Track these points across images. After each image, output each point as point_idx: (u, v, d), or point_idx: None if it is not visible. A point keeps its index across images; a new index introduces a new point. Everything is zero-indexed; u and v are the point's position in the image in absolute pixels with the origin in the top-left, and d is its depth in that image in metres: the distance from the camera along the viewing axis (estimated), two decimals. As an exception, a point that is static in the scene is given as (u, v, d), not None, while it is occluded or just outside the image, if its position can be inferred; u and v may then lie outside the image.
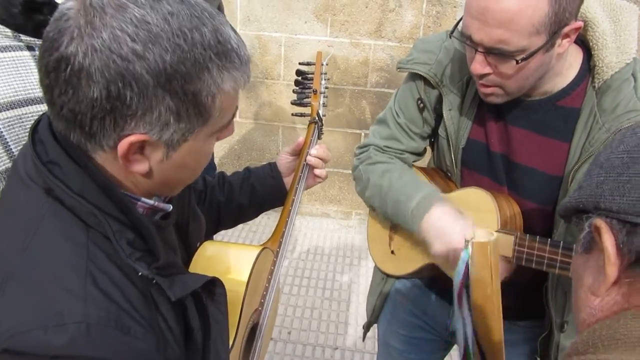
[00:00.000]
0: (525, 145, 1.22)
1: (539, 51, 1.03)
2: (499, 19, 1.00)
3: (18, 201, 0.72)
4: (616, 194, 0.57)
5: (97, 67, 0.63)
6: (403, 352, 1.61)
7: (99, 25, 0.63)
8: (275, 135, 3.74)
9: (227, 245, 1.02)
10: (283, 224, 1.15)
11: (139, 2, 0.64)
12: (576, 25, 1.04)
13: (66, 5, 0.65)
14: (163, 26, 0.64)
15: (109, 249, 0.69)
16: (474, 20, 1.04)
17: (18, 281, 0.66)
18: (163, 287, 0.72)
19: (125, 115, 0.66)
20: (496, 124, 1.25)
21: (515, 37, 1.01)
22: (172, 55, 0.64)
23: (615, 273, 0.57)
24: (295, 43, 3.46)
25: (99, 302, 0.65)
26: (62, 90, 0.65)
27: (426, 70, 1.29)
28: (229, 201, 1.20)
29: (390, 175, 1.34)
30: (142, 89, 0.65)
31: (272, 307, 1.17)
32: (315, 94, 1.35)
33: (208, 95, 0.69)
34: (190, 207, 0.97)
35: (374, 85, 3.54)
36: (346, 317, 2.97)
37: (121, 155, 0.69)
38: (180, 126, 0.69)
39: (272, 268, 1.11)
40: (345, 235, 3.76)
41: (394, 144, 1.40)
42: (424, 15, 3.33)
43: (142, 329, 0.68)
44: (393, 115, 1.40)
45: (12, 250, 0.68)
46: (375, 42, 3.43)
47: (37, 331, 0.62)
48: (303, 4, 3.37)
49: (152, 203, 0.79)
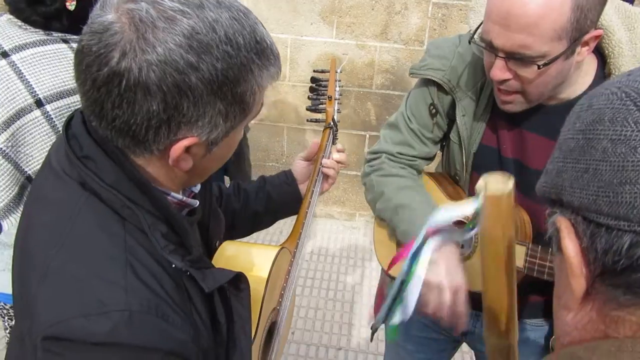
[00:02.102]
0: (540, 150, 1.22)
1: (560, 57, 1.03)
2: (521, 23, 1.00)
3: (54, 195, 0.73)
4: (576, 186, 0.46)
5: (153, 81, 0.64)
6: (412, 352, 1.62)
7: (152, 40, 0.64)
8: (280, 136, 3.75)
9: (247, 245, 1.04)
10: (300, 225, 1.17)
11: (186, 13, 0.65)
12: (596, 34, 1.04)
13: (106, 17, 0.65)
14: (212, 35, 0.65)
15: (144, 241, 0.71)
16: (495, 26, 1.04)
17: (58, 272, 0.67)
18: (197, 278, 0.73)
19: (180, 122, 0.68)
20: (510, 130, 1.26)
21: (537, 42, 1.01)
22: (222, 63, 0.66)
23: (583, 285, 0.47)
24: (301, 44, 3.48)
25: (139, 291, 0.66)
26: (115, 104, 0.66)
27: (440, 76, 1.29)
28: (245, 208, 1.21)
29: (409, 194, 1.33)
30: (197, 98, 0.66)
31: (289, 308, 1.18)
32: (330, 100, 1.38)
33: (251, 94, 0.72)
34: (212, 206, 0.99)
35: (379, 87, 3.55)
36: (350, 318, 2.98)
37: (173, 158, 0.71)
38: (226, 125, 0.72)
39: (289, 268, 1.12)
40: (350, 236, 3.77)
41: (406, 150, 1.40)
42: (429, 18, 3.35)
43: (180, 319, 0.69)
44: (405, 121, 1.40)
45: (50, 243, 0.69)
46: (380, 44, 3.44)
47: (79, 319, 0.63)
48: (309, 5, 3.39)
49: (181, 198, 0.81)
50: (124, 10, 0.65)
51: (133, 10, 0.64)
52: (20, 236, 0.78)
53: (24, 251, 0.75)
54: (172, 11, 0.64)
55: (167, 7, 0.65)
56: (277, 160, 3.84)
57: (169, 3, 0.65)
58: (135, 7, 0.64)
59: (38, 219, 0.74)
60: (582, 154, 0.46)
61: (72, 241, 0.69)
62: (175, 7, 0.65)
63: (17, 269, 0.76)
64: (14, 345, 0.77)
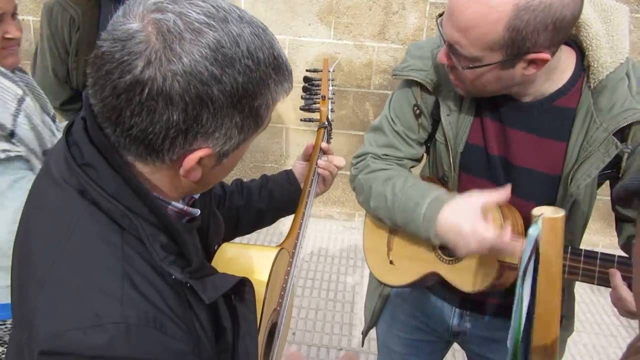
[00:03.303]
0: (523, 146, 1.23)
1: (493, 66, 1.09)
2: (459, 23, 1.06)
3: (52, 203, 0.73)
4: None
5: (177, 91, 0.64)
6: (404, 355, 1.61)
7: (179, 50, 0.64)
8: (279, 137, 3.76)
9: (245, 247, 1.04)
10: (297, 225, 1.17)
11: (212, 26, 0.65)
12: (542, 57, 1.07)
13: (131, 26, 0.65)
14: (235, 49, 0.66)
15: (143, 251, 0.70)
16: (446, 15, 1.11)
17: (56, 283, 0.67)
18: (197, 290, 0.73)
19: (197, 133, 0.68)
20: (494, 127, 1.26)
21: (468, 45, 1.07)
22: (243, 76, 0.67)
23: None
24: (299, 45, 3.48)
25: (137, 303, 0.66)
26: (134, 112, 0.66)
27: (423, 76, 1.30)
28: (248, 206, 1.22)
29: (394, 182, 1.33)
30: (217, 110, 0.67)
31: (288, 309, 1.19)
32: (323, 99, 1.38)
33: (265, 108, 0.73)
34: (211, 209, 0.99)
35: (377, 87, 3.55)
36: (350, 318, 2.98)
37: (186, 169, 0.71)
38: (240, 137, 0.73)
39: (288, 269, 1.12)
40: (349, 237, 3.78)
41: (392, 152, 1.40)
42: (427, 18, 3.35)
43: (180, 330, 0.69)
44: (389, 123, 1.39)
45: (48, 252, 0.69)
46: (378, 44, 3.44)
47: (75, 332, 0.63)
48: (307, 6, 3.39)
49: (182, 207, 0.81)
50: (150, 20, 0.65)
51: (160, 20, 0.65)
52: (18, 245, 0.77)
53: (22, 260, 0.75)
54: (199, 23, 0.65)
55: (194, 19, 0.65)
56: (276, 161, 3.84)
57: (195, 15, 0.65)
58: (163, 17, 0.65)
59: (36, 227, 0.74)
60: None
61: (70, 251, 0.68)
62: (201, 20, 0.65)
63: (16, 278, 0.76)
64: (12, 352, 0.77)
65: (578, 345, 2.78)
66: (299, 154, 1.35)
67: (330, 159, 1.29)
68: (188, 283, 0.72)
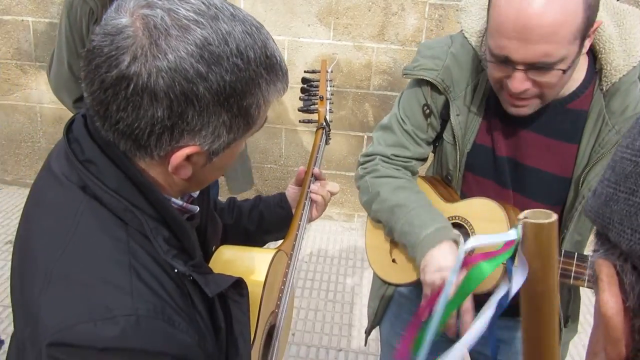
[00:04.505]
0: (534, 147, 1.23)
1: (577, 56, 1.06)
2: (541, 34, 1.01)
3: (54, 199, 0.73)
4: (627, 224, 0.36)
5: (161, 87, 0.64)
6: None
7: (165, 46, 0.64)
8: (278, 138, 3.76)
9: (243, 249, 1.04)
10: (295, 227, 1.17)
11: (200, 23, 0.65)
12: (598, 23, 1.06)
13: (120, 20, 0.66)
14: (223, 47, 0.66)
15: (147, 245, 0.71)
16: (511, 41, 1.04)
17: (62, 277, 0.67)
18: (200, 283, 0.73)
19: (183, 130, 0.68)
20: (504, 128, 1.26)
21: (557, 48, 1.03)
22: (231, 75, 0.67)
23: (621, 354, 0.37)
24: (299, 46, 3.48)
25: (145, 295, 0.67)
26: (120, 107, 0.66)
27: (433, 76, 1.30)
28: (236, 225, 1.21)
29: (405, 194, 1.33)
30: (203, 107, 0.67)
31: (288, 310, 1.19)
32: (322, 100, 1.38)
33: (256, 108, 0.72)
34: (209, 210, 0.99)
35: (376, 88, 3.55)
36: (350, 319, 2.98)
37: (173, 165, 0.71)
38: (229, 137, 0.72)
39: (286, 270, 1.12)
40: (349, 237, 3.77)
41: (400, 152, 1.40)
42: (426, 19, 3.35)
43: (186, 323, 0.69)
44: (399, 122, 1.39)
45: (53, 248, 0.69)
46: (378, 45, 3.45)
47: (85, 324, 0.63)
48: (306, 7, 3.39)
49: (181, 204, 0.81)
50: (139, 15, 0.65)
51: (148, 15, 0.65)
52: (20, 242, 0.78)
53: (24, 257, 0.75)
54: (187, 20, 0.65)
55: (182, 16, 0.65)
56: (275, 162, 3.84)
57: (184, 12, 0.65)
58: (151, 13, 0.65)
59: (38, 224, 0.74)
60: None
61: (74, 246, 0.69)
62: (190, 17, 0.65)
63: (18, 276, 0.76)
64: (12, 353, 0.77)
65: (578, 346, 2.77)
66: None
67: (322, 184, 1.27)
68: (191, 276, 0.73)
